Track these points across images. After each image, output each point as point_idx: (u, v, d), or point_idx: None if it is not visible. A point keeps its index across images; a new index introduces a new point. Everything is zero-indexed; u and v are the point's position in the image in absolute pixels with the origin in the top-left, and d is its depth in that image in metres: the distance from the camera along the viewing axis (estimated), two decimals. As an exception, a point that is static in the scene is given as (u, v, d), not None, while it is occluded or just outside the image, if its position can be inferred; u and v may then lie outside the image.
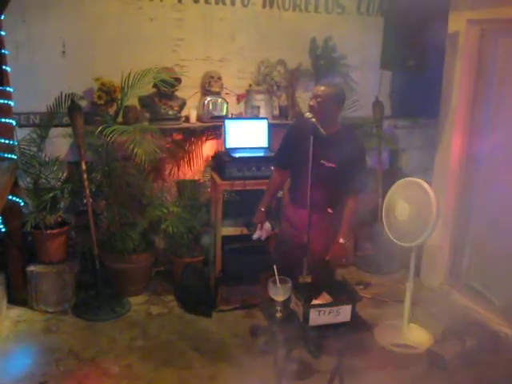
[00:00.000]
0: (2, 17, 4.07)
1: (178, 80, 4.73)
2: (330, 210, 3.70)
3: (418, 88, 5.21)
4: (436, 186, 4.28)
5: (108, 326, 4.31)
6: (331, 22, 5.30)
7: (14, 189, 4.31)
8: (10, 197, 4.26)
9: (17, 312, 4.43)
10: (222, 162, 4.53)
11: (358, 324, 3.12)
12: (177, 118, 4.83)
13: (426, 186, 3.87)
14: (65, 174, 4.72)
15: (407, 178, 4.06)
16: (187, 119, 4.93)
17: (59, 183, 4.62)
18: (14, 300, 4.51)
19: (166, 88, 4.59)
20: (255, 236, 3.94)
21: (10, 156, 4.28)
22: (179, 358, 3.91)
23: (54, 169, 4.60)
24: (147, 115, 4.76)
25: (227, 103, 4.96)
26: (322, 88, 3.55)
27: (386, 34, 4.83)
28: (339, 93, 3.63)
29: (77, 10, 4.58)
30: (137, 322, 4.39)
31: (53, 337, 4.14)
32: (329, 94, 3.53)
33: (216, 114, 4.89)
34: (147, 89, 4.62)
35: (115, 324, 4.34)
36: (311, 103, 3.54)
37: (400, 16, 4.64)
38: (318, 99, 3.50)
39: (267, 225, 3.93)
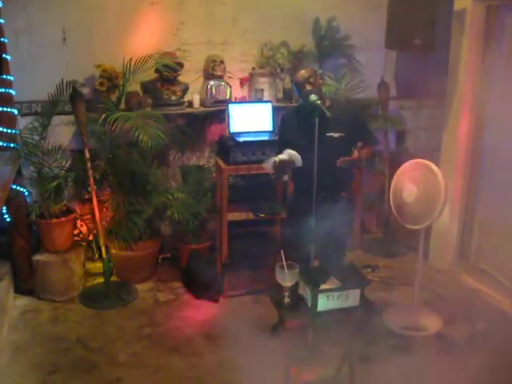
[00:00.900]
0: (1, 4, 4.02)
1: (181, 65, 4.68)
2: (343, 195, 3.69)
3: (423, 68, 5.14)
4: (444, 168, 4.23)
5: (115, 314, 4.31)
6: (334, 2, 5.20)
7: (18, 178, 4.29)
8: (14, 186, 4.24)
9: (24, 302, 4.43)
10: (227, 146, 4.49)
11: (366, 308, 3.09)
12: (180, 103, 4.78)
13: (433, 167, 3.82)
14: (68, 163, 4.69)
15: (415, 160, 4.01)
16: (190, 104, 4.89)
17: (63, 172, 4.59)
18: (20, 290, 4.51)
19: (169, 73, 4.55)
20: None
21: (12, 145, 4.25)
22: (187, 345, 3.91)
23: (58, 157, 4.57)
24: (150, 101, 4.72)
25: (230, 87, 4.91)
26: (304, 71, 3.66)
27: (390, 12, 4.74)
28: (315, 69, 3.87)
29: (76, -4, 4.54)
30: (144, 310, 4.38)
31: (60, 326, 4.14)
32: (313, 73, 3.64)
33: (219, 98, 4.84)
34: (149, 74, 4.58)
35: (122, 312, 4.34)
36: (308, 88, 3.54)
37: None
38: (311, 80, 3.56)
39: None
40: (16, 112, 4.33)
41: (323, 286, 3.07)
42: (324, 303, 2.95)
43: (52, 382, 3.50)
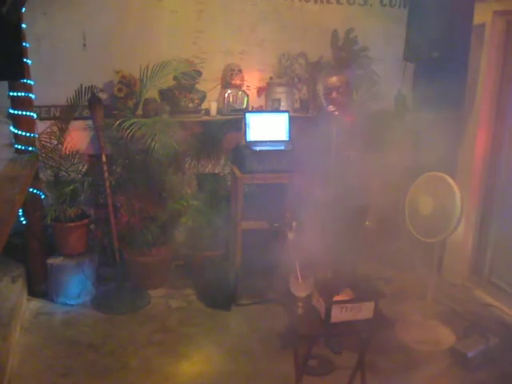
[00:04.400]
0: (23, 9, 4.06)
1: (199, 73, 4.70)
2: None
3: (441, 81, 5.12)
4: (460, 181, 4.21)
5: (127, 319, 4.32)
6: (353, 14, 5.23)
7: (35, 181, 4.33)
8: (31, 189, 4.28)
9: (37, 304, 4.46)
10: (243, 155, 4.50)
11: (380, 321, 3.07)
12: (197, 111, 4.80)
13: (450, 180, 3.81)
14: (85, 167, 4.72)
15: (431, 173, 4.00)
16: (207, 112, 4.90)
17: (79, 176, 4.62)
18: (34, 292, 4.54)
19: (187, 81, 4.57)
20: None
21: (30, 149, 4.29)
22: (198, 352, 3.90)
23: (74, 162, 4.61)
24: (167, 108, 4.74)
25: (248, 96, 4.92)
26: (336, 78, 3.57)
27: (409, 25, 4.74)
28: (350, 79, 3.73)
29: (97, 2, 4.57)
30: (156, 316, 4.38)
31: (73, 329, 4.15)
32: (346, 81, 3.61)
33: (236, 106, 4.86)
34: (167, 80, 4.61)
35: (134, 317, 4.34)
36: (334, 95, 3.51)
37: (424, 7, 4.55)
38: (340, 89, 3.49)
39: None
40: (35, 116, 4.37)
41: (337, 298, 3.06)
42: (337, 315, 2.93)
43: (63, 385, 3.51)
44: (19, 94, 4.17)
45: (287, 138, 4.68)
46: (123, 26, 4.65)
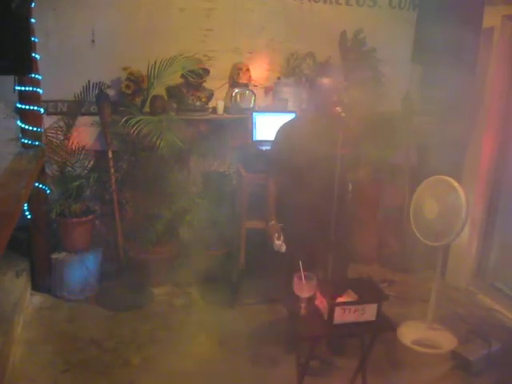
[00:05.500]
0: (33, 4, 4.06)
1: (206, 71, 4.70)
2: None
3: (449, 83, 5.11)
4: (465, 185, 4.19)
5: (130, 316, 4.32)
6: (362, 15, 5.22)
7: (41, 176, 4.34)
8: (37, 184, 4.28)
9: (40, 299, 4.46)
10: (249, 154, 4.51)
11: (382, 323, 3.06)
12: (204, 109, 4.80)
13: (456, 184, 3.79)
14: (91, 163, 4.72)
15: (437, 176, 3.98)
16: (214, 110, 4.90)
17: (85, 172, 4.63)
18: (37, 287, 4.55)
19: (194, 79, 4.57)
20: (276, 248, 3.63)
21: (37, 143, 4.29)
22: (200, 351, 3.89)
23: (81, 157, 4.61)
24: (174, 105, 4.74)
25: (255, 95, 4.92)
26: (329, 79, 3.49)
27: (418, 27, 4.74)
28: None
29: (107, -2, 4.58)
30: (159, 313, 4.38)
31: (75, 325, 4.16)
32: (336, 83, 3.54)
33: (243, 106, 4.86)
34: (175, 78, 4.61)
35: (137, 314, 4.34)
36: (336, 98, 3.47)
37: (433, 9, 4.55)
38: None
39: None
40: (42, 111, 4.37)
41: (340, 299, 3.05)
42: (340, 316, 2.92)
43: (64, 380, 3.51)
44: (27, 88, 4.17)
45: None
46: (132, 23, 4.66)
